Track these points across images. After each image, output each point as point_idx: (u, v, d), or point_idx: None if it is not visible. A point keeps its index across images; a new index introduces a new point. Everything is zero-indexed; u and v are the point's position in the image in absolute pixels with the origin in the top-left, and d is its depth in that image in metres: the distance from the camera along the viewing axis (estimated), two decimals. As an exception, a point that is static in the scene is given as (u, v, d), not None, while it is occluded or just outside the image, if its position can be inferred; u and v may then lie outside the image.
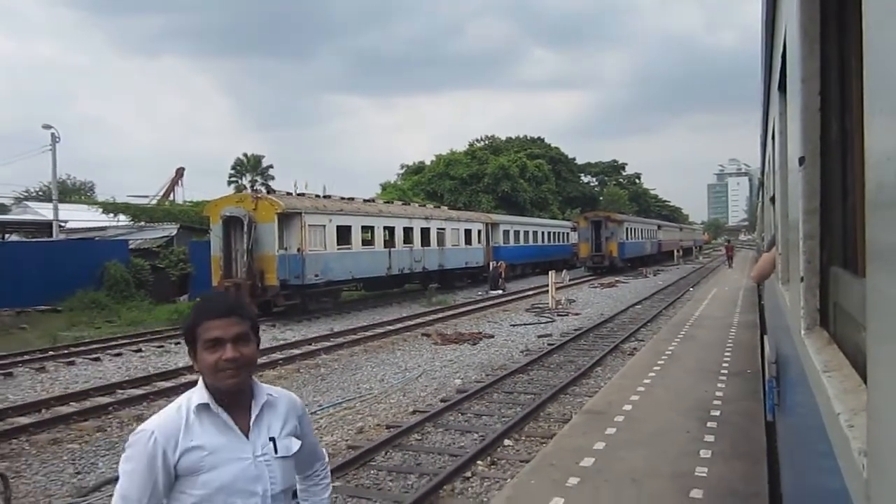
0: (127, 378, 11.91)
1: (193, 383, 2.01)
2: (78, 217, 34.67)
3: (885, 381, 0.80)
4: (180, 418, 1.85)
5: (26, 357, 14.09)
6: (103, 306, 22.39)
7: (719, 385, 8.74)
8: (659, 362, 10.47)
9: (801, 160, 1.99)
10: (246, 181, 55.50)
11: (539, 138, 78.58)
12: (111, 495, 1.91)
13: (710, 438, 6.40)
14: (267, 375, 11.93)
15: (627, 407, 7.60)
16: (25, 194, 61.99)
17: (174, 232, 28.45)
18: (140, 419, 9.29)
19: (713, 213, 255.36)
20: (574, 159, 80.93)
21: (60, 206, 49.47)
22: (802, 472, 2.20)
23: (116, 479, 1.89)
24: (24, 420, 9.04)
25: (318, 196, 22.92)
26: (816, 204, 1.96)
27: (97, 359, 14.27)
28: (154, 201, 39.28)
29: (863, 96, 0.92)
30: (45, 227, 33.35)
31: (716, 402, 7.79)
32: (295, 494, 2.17)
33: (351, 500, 6.20)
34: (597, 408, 7.68)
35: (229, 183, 55.68)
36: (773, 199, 5.39)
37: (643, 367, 10.15)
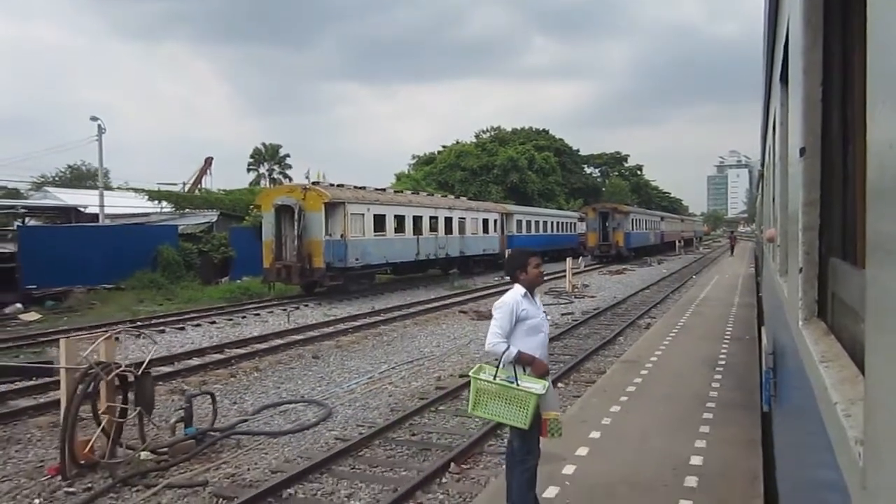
0: (218, 343, 14.07)
1: (266, 350, 4.27)
2: (116, 203, 36.57)
3: (884, 371, 0.81)
4: (517, 298, 4.10)
5: (137, 325, 16.31)
6: (160, 286, 24.59)
7: (723, 347, 11.00)
8: (672, 332, 12.72)
9: (802, 151, 2.00)
10: (264, 169, 57.40)
11: (544, 130, 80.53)
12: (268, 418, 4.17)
13: (718, 377, 8.66)
14: (343, 341, 14.17)
15: (654, 358, 9.86)
16: (42, 179, 63.63)
17: (214, 218, 30.58)
18: (257, 369, 11.57)
19: (712, 204, 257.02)
20: (578, 151, 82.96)
21: (81, 191, 51.38)
22: (798, 461, 2.23)
23: (271, 405, 4.15)
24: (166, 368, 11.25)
25: (356, 187, 25.07)
26: (816, 195, 1.97)
27: (182, 328, 16.48)
28: (185, 189, 41.37)
29: (865, 87, 0.92)
30: (66, 212, 34.56)
31: (721, 357, 10.06)
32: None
33: (454, 419, 8.43)
34: (629, 359, 9.95)
35: (248, 170, 57.71)
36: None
37: (660, 335, 12.40)
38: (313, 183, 23.40)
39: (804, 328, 2.00)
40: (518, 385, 4.04)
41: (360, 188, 25.71)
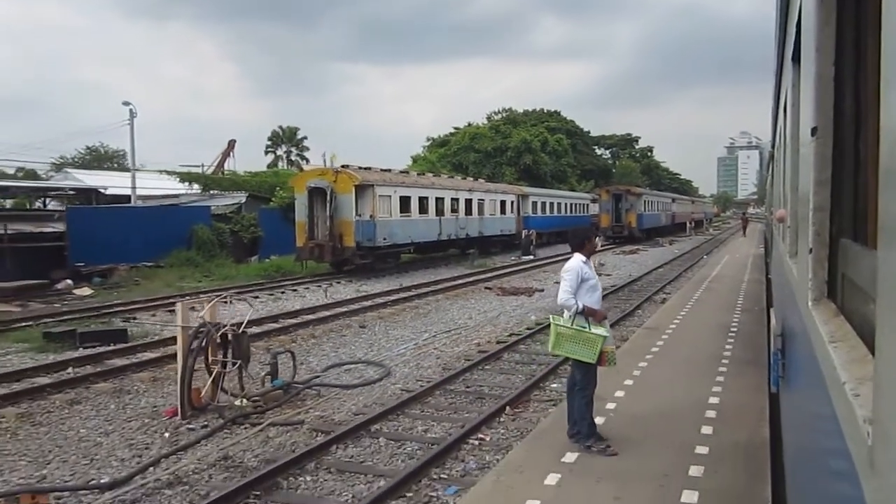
0: (269, 314, 15.33)
1: (317, 320, 5.46)
2: (140, 185, 37.69)
3: (895, 350, 0.81)
4: (580, 263, 5.29)
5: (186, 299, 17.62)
6: (196, 264, 25.88)
7: (735, 316, 12.16)
8: (687, 305, 13.89)
9: (814, 130, 1.99)
10: (281, 151, 58.50)
11: (556, 111, 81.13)
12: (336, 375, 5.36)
13: (730, 341, 9.84)
14: (384, 313, 15.43)
15: (673, 326, 11.05)
16: (62, 161, 64.84)
17: (243, 200, 31.81)
18: (313, 336, 12.82)
19: (722, 186, 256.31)
20: (589, 132, 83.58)
21: (102, 173, 52.54)
22: (805, 441, 2.23)
23: (336, 365, 5.35)
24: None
25: (383, 170, 26.21)
26: (828, 175, 1.96)
27: (231, 302, 17.72)
28: (210, 172, 42.62)
29: (879, 66, 0.91)
30: (86, 193, 35.19)
31: (733, 325, 11.24)
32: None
33: (500, 375, 9.67)
34: (650, 326, 11.15)
35: (266, 153, 58.86)
36: None
37: (676, 307, 13.58)
38: (342, 166, 24.53)
39: (814, 309, 1.99)
40: (589, 330, 5.26)
41: (386, 171, 26.83)
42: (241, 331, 8.23)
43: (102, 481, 6.03)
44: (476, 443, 6.75)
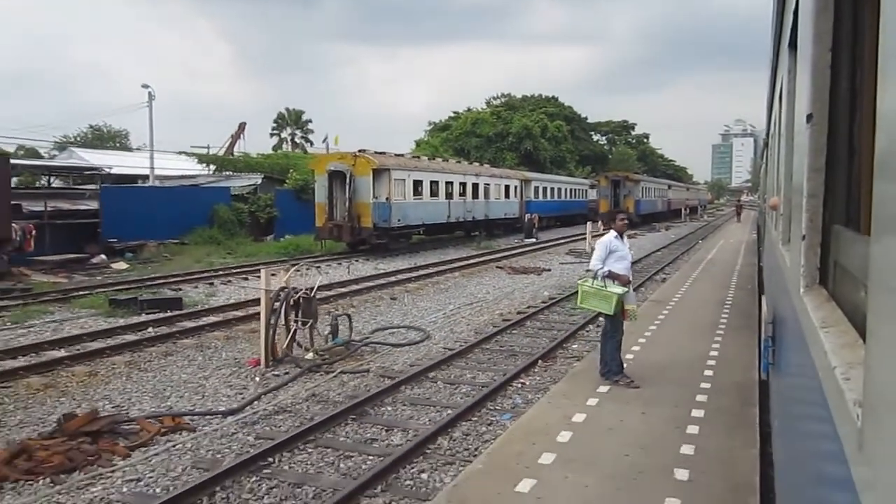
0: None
1: (351, 292, 6.91)
2: (163, 165, 38.90)
3: (886, 335, 0.82)
4: (610, 238, 6.76)
5: (219, 273, 19.02)
6: (218, 241, 27.24)
7: (729, 293, 13.68)
8: (686, 283, 15.40)
9: (809, 117, 2.01)
10: (286, 134, 59.55)
11: (553, 97, 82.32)
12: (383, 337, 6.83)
13: (726, 312, 11.35)
14: (409, 287, 16.88)
15: (675, 299, 12.56)
16: (64, 140, 65.57)
17: (259, 181, 33.07)
18: (351, 305, 14.23)
19: (717, 173, 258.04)
20: (586, 118, 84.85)
21: (108, 152, 53.41)
22: (795, 426, 2.27)
23: (382, 329, 6.82)
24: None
25: (397, 155, 27.54)
26: (822, 162, 1.98)
27: (274, 274, 19.14)
28: (220, 153, 43.80)
29: (876, 54, 0.92)
30: (90, 172, 35.66)
31: (728, 299, 12.75)
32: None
33: (526, 338, 11.14)
34: (655, 299, 12.64)
35: (271, 135, 59.93)
36: None
37: (677, 284, 15.08)
38: (360, 150, 25.83)
39: (805, 295, 2.00)
40: (607, 289, 6.72)
41: (399, 156, 28.16)
42: (312, 294, 9.65)
43: (221, 409, 7.47)
44: (518, 386, 8.23)
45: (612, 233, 7.07)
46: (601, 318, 7.73)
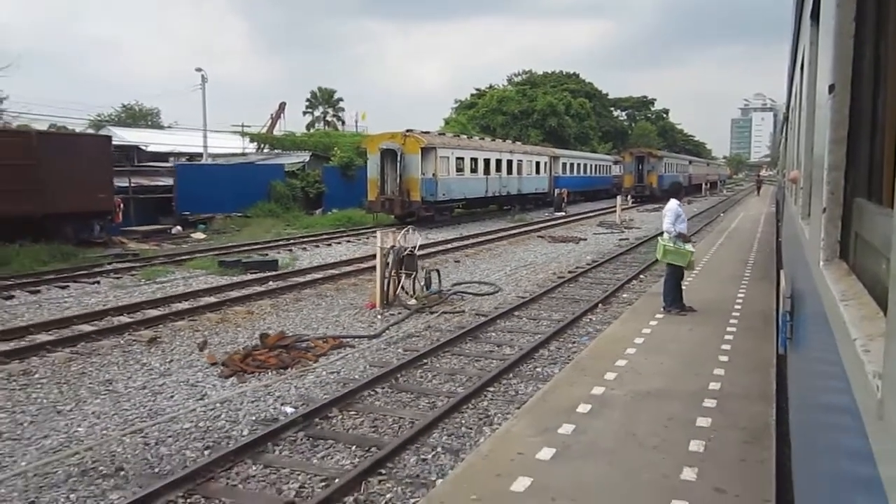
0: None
1: (420, 256, 9.19)
2: (212, 144, 41.37)
3: None
4: (676, 205, 9.08)
5: (291, 242, 21.46)
6: (276, 214, 29.71)
7: (751, 255, 15.89)
8: (712, 248, 17.60)
9: (832, 88, 1.99)
10: (318, 112, 61.78)
11: (574, 73, 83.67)
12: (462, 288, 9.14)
13: (749, 269, 13.59)
14: (467, 252, 19.24)
15: (705, 260, 14.81)
16: (99, 119, 68.17)
17: (307, 159, 35.43)
18: (423, 267, 16.58)
19: (735, 148, 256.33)
20: (607, 94, 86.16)
21: (136, 131, 55.75)
22: (812, 397, 2.26)
23: (460, 283, 9.10)
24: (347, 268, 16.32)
25: (441, 133, 29.74)
26: (844, 133, 1.96)
27: (331, 245, 21.60)
28: (263, 132, 46.26)
29: None
30: (126, 150, 37.42)
31: (750, 259, 14.98)
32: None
33: (582, 290, 13.45)
34: (689, 260, 14.90)
35: (304, 114, 62.23)
36: None
37: (704, 250, 17.28)
38: (408, 130, 28.08)
39: (825, 268, 1.99)
40: (684, 247, 9.01)
41: (441, 134, 30.37)
42: (415, 252, 12.02)
43: (365, 335, 9.89)
44: (587, 320, 10.58)
45: (675, 201, 9.30)
46: (664, 267, 9.96)
